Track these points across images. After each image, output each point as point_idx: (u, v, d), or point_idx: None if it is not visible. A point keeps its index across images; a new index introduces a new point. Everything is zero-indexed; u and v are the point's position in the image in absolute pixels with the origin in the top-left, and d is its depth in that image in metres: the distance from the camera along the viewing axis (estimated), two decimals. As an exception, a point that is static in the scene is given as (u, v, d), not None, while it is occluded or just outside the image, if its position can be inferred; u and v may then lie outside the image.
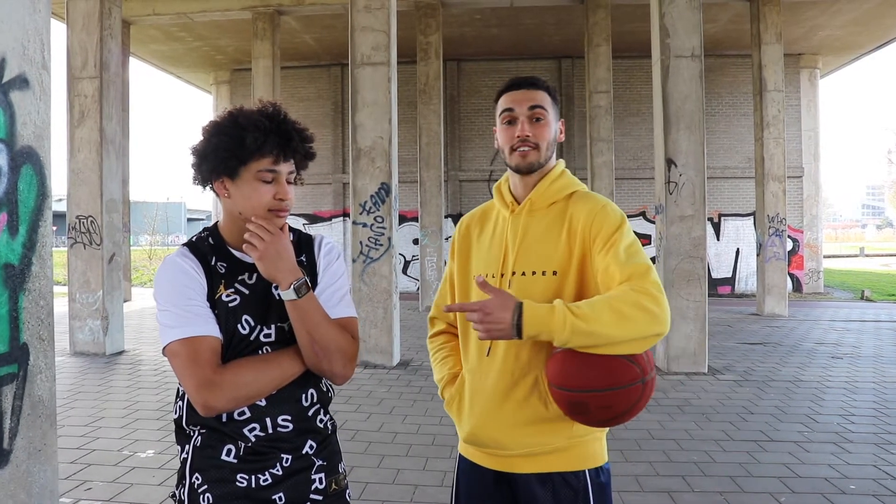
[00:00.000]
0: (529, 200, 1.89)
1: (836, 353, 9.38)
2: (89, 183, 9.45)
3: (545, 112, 1.86)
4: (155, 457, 5.01)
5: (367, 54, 8.54)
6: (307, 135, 1.69)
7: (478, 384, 1.87)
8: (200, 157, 1.64)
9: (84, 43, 9.44)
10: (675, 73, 8.20)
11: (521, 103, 1.86)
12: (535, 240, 1.85)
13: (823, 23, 16.07)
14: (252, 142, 1.58)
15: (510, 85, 1.91)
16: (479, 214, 2.07)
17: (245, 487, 1.59)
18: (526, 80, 1.90)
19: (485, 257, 1.93)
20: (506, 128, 1.88)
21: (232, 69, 20.18)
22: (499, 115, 1.90)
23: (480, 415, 1.85)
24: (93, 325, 9.34)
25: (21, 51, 2.06)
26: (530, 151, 1.84)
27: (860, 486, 4.40)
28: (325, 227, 19.50)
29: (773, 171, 13.78)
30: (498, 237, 1.93)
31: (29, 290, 2.09)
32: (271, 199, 1.62)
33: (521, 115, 1.85)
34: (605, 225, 1.77)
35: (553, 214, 1.87)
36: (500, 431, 1.81)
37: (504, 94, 1.91)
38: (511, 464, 1.84)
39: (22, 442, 2.04)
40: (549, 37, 17.38)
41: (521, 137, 1.84)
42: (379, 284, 8.48)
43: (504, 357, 1.82)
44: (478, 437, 1.86)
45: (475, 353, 1.90)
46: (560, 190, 1.89)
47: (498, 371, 1.82)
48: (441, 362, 2.05)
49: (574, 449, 1.81)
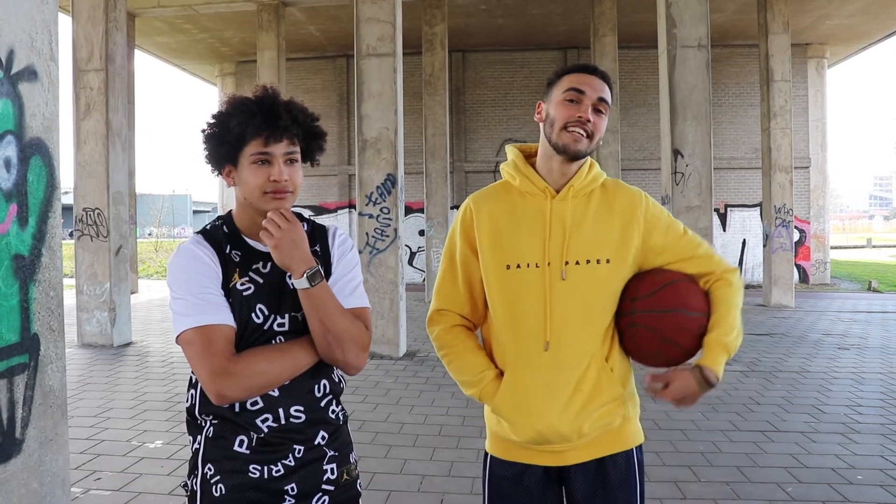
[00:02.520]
0: (572, 187, 1.85)
1: (843, 344, 9.36)
2: (96, 175, 9.47)
3: (608, 108, 1.84)
4: (163, 447, 5.04)
5: (373, 45, 8.52)
6: (301, 113, 1.66)
7: (539, 380, 1.78)
8: (203, 145, 1.66)
9: (89, 35, 9.44)
10: (681, 63, 8.16)
11: (594, 89, 1.80)
12: (585, 227, 1.82)
13: (831, 12, 15.95)
14: (236, 125, 1.57)
15: (583, 67, 1.85)
16: (495, 195, 1.92)
17: (257, 478, 1.59)
18: (602, 70, 1.86)
19: (524, 245, 1.82)
20: (568, 105, 1.80)
21: (237, 61, 20.14)
22: (563, 91, 1.81)
23: (549, 412, 1.76)
24: (100, 317, 9.39)
25: (29, 42, 2.06)
26: (584, 138, 1.80)
27: (867, 476, 4.40)
28: (331, 218, 19.50)
29: (779, 161, 13.71)
30: (534, 223, 1.83)
31: (39, 281, 2.09)
32: (266, 181, 1.59)
33: (589, 101, 1.80)
34: (661, 214, 1.90)
35: (595, 202, 1.86)
36: (570, 425, 1.76)
37: (574, 73, 1.84)
38: (566, 457, 1.82)
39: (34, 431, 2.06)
40: (555, 27, 17.29)
41: (584, 119, 1.78)
42: (385, 275, 8.49)
43: (569, 349, 1.78)
44: (545, 435, 1.77)
45: (529, 348, 1.80)
46: (595, 178, 1.90)
47: (563, 364, 1.77)
48: (470, 362, 1.89)
49: (625, 428, 1.86)
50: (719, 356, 1.73)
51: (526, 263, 1.81)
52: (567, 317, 1.78)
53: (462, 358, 1.90)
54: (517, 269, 1.82)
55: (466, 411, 5.94)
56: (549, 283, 1.79)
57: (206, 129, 1.64)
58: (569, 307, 1.78)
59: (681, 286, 1.81)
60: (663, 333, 1.76)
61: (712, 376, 1.71)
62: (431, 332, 1.98)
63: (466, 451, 4.94)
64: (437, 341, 1.96)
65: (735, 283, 1.84)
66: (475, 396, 1.89)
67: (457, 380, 1.92)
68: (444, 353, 1.94)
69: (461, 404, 6.17)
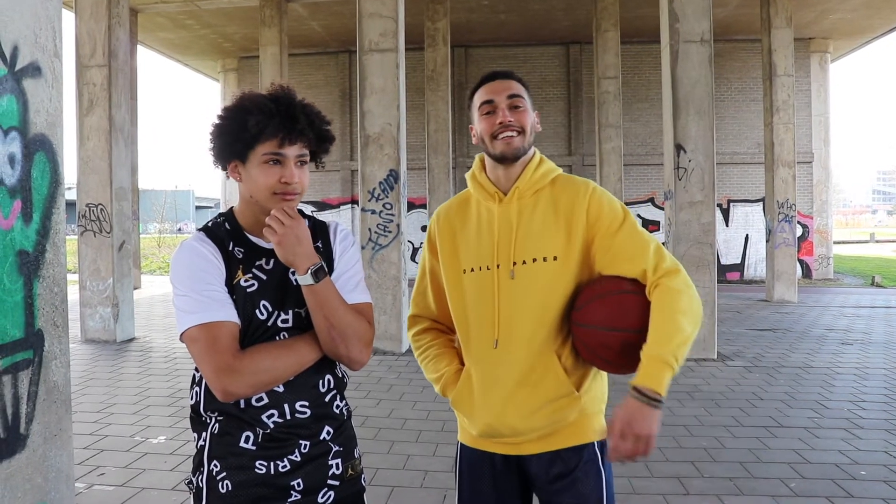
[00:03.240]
0: (517, 189, 1.90)
1: (846, 340, 9.35)
2: (99, 171, 9.48)
3: (523, 100, 1.89)
4: (166, 443, 5.05)
5: (375, 41, 8.50)
6: (316, 116, 1.67)
7: (488, 376, 1.86)
8: (212, 140, 1.65)
9: (92, 31, 9.44)
10: (684, 58, 8.13)
11: (499, 93, 1.88)
12: (531, 227, 1.86)
13: (834, 6, 15.90)
14: (254, 125, 1.57)
15: (484, 78, 1.93)
16: (455, 206, 2.04)
17: (264, 474, 1.60)
18: (499, 72, 1.94)
19: (474, 250, 1.92)
20: (486, 118, 1.89)
21: (239, 57, 20.14)
22: (477, 109, 1.91)
23: (496, 406, 1.83)
24: (103, 313, 9.40)
25: (33, 39, 2.06)
26: (515, 137, 1.86)
27: (871, 472, 4.40)
28: (334, 214, 19.52)
29: (782, 156, 13.68)
30: (485, 228, 1.92)
31: (43, 276, 2.10)
32: (276, 182, 1.60)
33: (501, 104, 1.87)
34: (603, 206, 1.85)
35: (542, 201, 1.89)
36: (518, 419, 1.82)
37: (479, 88, 1.93)
38: (522, 448, 1.87)
39: (38, 427, 2.06)
40: (558, 22, 17.26)
41: (504, 123, 1.85)
42: (388, 271, 8.50)
43: (517, 346, 1.83)
44: (495, 428, 1.85)
45: (481, 346, 1.88)
46: (544, 176, 1.92)
47: (510, 360, 1.83)
48: (434, 360, 2.01)
49: (582, 422, 1.86)
50: (653, 369, 1.66)
51: (479, 267, 1.90)
52: (515, 315, 1.83)
53: (428, 357, 2.04)
54: (471, 273, 1.91)
55: (469, 407, 5.94)
56: (498, 284, 1.85)
57: (220, 123, 1.63)
58: (517, 306, 1.83)
59: (611, 300, 1.77)
60: (589, 346, 1.78)
61: (648, 391, 1.64)
62: (409, 335, 2.14)
63: (469, 446, 4.93)
64: (412, 343, 2.12)
65: (674, 287, 1.74)
66: (439, 392, 2.00)
67: (426, 377, 2.05)
68: (417, 355, 2.09)
69: (464, 400, 6.16)
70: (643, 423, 1.62)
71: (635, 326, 1.73)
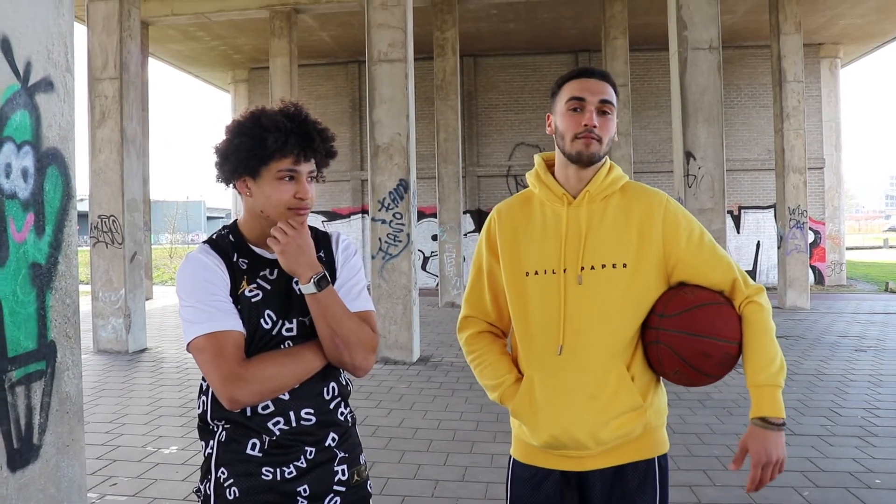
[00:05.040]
0: (587, 193, 1.84)
1: (859, 346, 9.28)
2: (111, 183, 9.55)
3: (613, 108, 1.83)
4: (178, 453, 5.07)
5: (384, 51, 8.55)
6: (328, 134, 1.70)
7: (552, 384, 1.79)
8: (223, 156, 1.66)
9: (104, 44, 9.54)
10: (692, 65, 8.13)
11: (593, 93, 1.80)
12: (601, 233, 1.82)
13: (844, 11, 15.85)
14: (273, 142, 1.59)
15: (580, 72, 1.85)
16: (517, 205, 1.96)
17: (270, 480, 1.62)
18: (598, 71, 1.86)
19: (537, 252, 1.85)
20: (572, 114, 1.81)
21: (250, 68, 20.28)
22: (564, 102, 1.82)
23: (563, 417, 1.77)
24: (115, 324, 9.46)
25: (46, 54, 2.09)
26: (594, 142, 1.79)
27: (886, 480, 4.36)
28: (344, 224, 19.56)
29: (793, 162, 13.62)
30: (551, 231, 1.85)
31: (55, 288, 2.12)
32: (291, 198, 1.63)
33: (592, 105, 1.80)
34: (679, 218, 1.84)
35: (612, 207, 1.85)
36: (586, 433, 1.76)
37: (572, 80, 1.84)
38: (585, 462, 1.82)
39: (51, 437, 2.08)
40: (566, 31, 17.28)
41: (590, 127, 1.78)
42: (398, 281, 8.51)
43: (584, 354, 1.78)
44: (560, 440, 1.78)
45: (544, 352, 1.81)
46: (614, 182, 1.87)
47: (577, 368, 1.77)
48: (492, 366, 1.92)
49: (648, 437, 1.83)
50: (770, 397, 1.71)
51: (543, 270, 1.83)
52: (582, 321, 1.78)
53: (485, 362, 1.94)
54: (535, 276, 1.84)
55: (480, 416, 5.94)
56: (565, 289, 1.80)
57: (233, 140, 1.64)
58: (584, 312, 1.78)
59: (712, 310, 1.77)
60: (685, 356, 1.74)
61: (773, 419, 1.70)
62: (460, 337, 2.04)
63: (480, 455, 4.93)
64: (465, 346, 2.02)
65: (766, 306, 1.78)
66: (497, 400, 1.92)
67: (481, 384, 1.96)
68: (471, 359, 1.99)
69: (475, 409, 6.16)
70: (778, 449, 1.69)
71: (735, 338, 1.75)
